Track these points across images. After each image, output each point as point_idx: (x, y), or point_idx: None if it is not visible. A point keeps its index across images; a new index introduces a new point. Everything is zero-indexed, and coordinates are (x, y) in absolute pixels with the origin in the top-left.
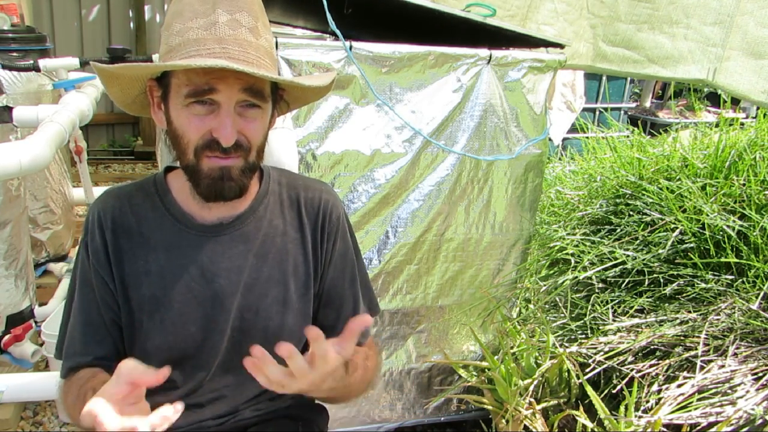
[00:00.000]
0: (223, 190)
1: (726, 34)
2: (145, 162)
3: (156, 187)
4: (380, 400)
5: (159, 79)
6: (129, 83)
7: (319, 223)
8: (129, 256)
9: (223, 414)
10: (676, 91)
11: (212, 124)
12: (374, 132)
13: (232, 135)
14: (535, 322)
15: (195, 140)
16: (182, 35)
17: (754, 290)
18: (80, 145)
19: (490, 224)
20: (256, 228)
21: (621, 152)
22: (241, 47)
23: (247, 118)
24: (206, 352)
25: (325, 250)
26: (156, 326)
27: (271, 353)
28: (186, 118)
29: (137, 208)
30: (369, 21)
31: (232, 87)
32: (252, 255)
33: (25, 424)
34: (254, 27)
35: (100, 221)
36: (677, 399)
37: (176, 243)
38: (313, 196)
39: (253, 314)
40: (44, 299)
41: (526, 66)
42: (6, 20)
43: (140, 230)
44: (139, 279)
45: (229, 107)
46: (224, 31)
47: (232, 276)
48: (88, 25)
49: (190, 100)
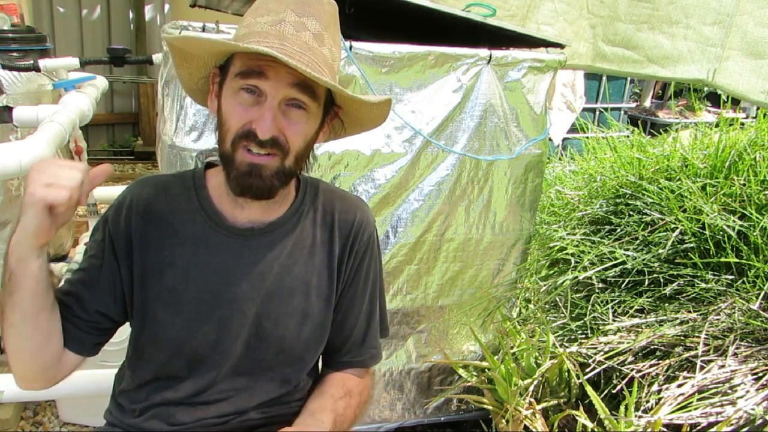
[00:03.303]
0: (251, 186)
1: (725, 34)
2: (145, 162)
3: (194, 181)
4: (380, 400)
5: (222, 68)
6: (196, 66)
7: (349, 241)
8: (155, 245)
9: (228, 413)
10: (676, 91)
11: (254, 115)
12: (374, 132)
13: (271, 128)
14: (535, 322)
15: (235, 129)
16: (250, 27)
17: (754, 290)
18: (80, 145)
19: (490, 224)
20: (286, 237)
21: (621, 152)
22: (301, 49)
23: (290, 119)
24: (219, 354)
25: (350, 268)
26: (171, 319)
27: (285, 362)
28: (231, 105)
29: (172, 198)
30: (369, 21)
31: (281, 79)
32: (278, 264)
33: (25, 424)
34: (319, 34)
35: (131, 205)
36: (677, 399)
37: (204, 240)
38: (348, 212)
39: (272, 323)
40: None
41: (526, 66)
42: (6, 20)
43: (170, 221)
44: (163, 269)
45: (273, 100)
46: (288, 30)
47: (255, 282)
48: (88, 25)
49: (240, 83)
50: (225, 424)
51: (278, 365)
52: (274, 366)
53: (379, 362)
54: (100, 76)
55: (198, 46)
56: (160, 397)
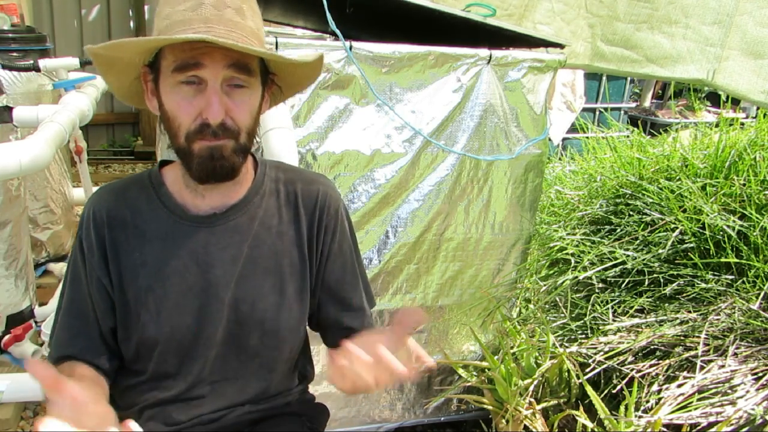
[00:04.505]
0: (215, 169)
1: (725, 33)
2: (145, 162)
3: (151, 180)
4: (380, 400)
5: (151, 65)
6: (123, 69)
7: (316, 217)
8: (125, 249)
9: (223, 408)
10: (675, 91)
11: (200, 104)
12: (374, 132)
13: (220, 112)
14: (535, 322)
15: (186, 124)
16: (170, 18)
17: (754, 290)
18: (80, 145)
19: (490, 224)
20: (250, 219)
21: (621, 152)
22: (227, 27)
23: (234, 99)
24: (202, 343)
25: (322, 244)
26: (152, 317)
27: (269, 346)
28: (175, 101)
29: (132, 201)
30: (369, 21)
31: (217, 63)
32: (246, 246)
33: (25, 424)
34: (240, 8)
35: (95, 218)
36: (677, 399)
37: (171, 234)
38: (311, 189)
39: (249, 306)
40: (44, 299)
41: (526, 66)
42: (6, 20)
43: (135, 223)
44: (136, 271)
45: (215, 84)
46: (209, 12)
47: (227, 266)
48: (88, 25)
49: (178, 78)
50: (221, 419)
51: (263, 349)
52: (259, 351)
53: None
54: (100, 76)
55: (124, 50)
56: (154, 398)
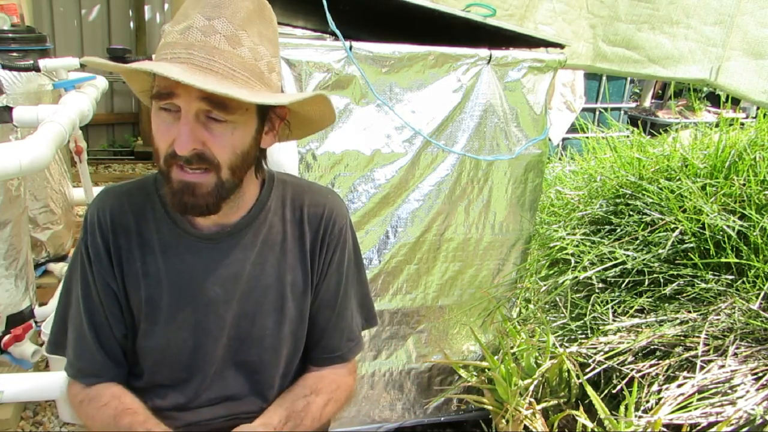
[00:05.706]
0: (186, 204)
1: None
2: (145, 162)
3: (156, 187)
4: (380, 400)
5: None
6: (138, 78)
7: (320, 234)
8: (127, 257)
9: (220, 417)
10: (676, 91)
11: (174, 133)
12: (374, 132)
13: (187, 144)
14: (535, 322)
15: (163, 149)
16: (165, 38)
17: (754, 290)
18: (80, 145)
19: (490, 224)
20: (255, 236)
21: (621, 152)
22: (209, 55)
23: (213, 132)
24: (200, 359)
25: (322, 261)
26: (150, 328)
27: (268, 361)
28: (156, 125)
29: (136, 207)
30: (369, 21)
31: (190, 93)
32: (249, 263)
33: (25, 424)
34: (233, 35)
35: (100, 223)
36: (677, 399)
37: (174, 247)
38: (317, 205)
39: (250, 323)
40: (44, 299)
41: (526, 66)
42: (6, 20)
43: (139, 231)
44: (137, 281)
45: (187, 114)
46: (195, 36)
47: (228, 284)
48: (88, 25)
49: (158, 104)
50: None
51: (262, 367)
52: (258, 368)
53: (360, 352)
54: (100, 76)
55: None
56: (152, 403)
